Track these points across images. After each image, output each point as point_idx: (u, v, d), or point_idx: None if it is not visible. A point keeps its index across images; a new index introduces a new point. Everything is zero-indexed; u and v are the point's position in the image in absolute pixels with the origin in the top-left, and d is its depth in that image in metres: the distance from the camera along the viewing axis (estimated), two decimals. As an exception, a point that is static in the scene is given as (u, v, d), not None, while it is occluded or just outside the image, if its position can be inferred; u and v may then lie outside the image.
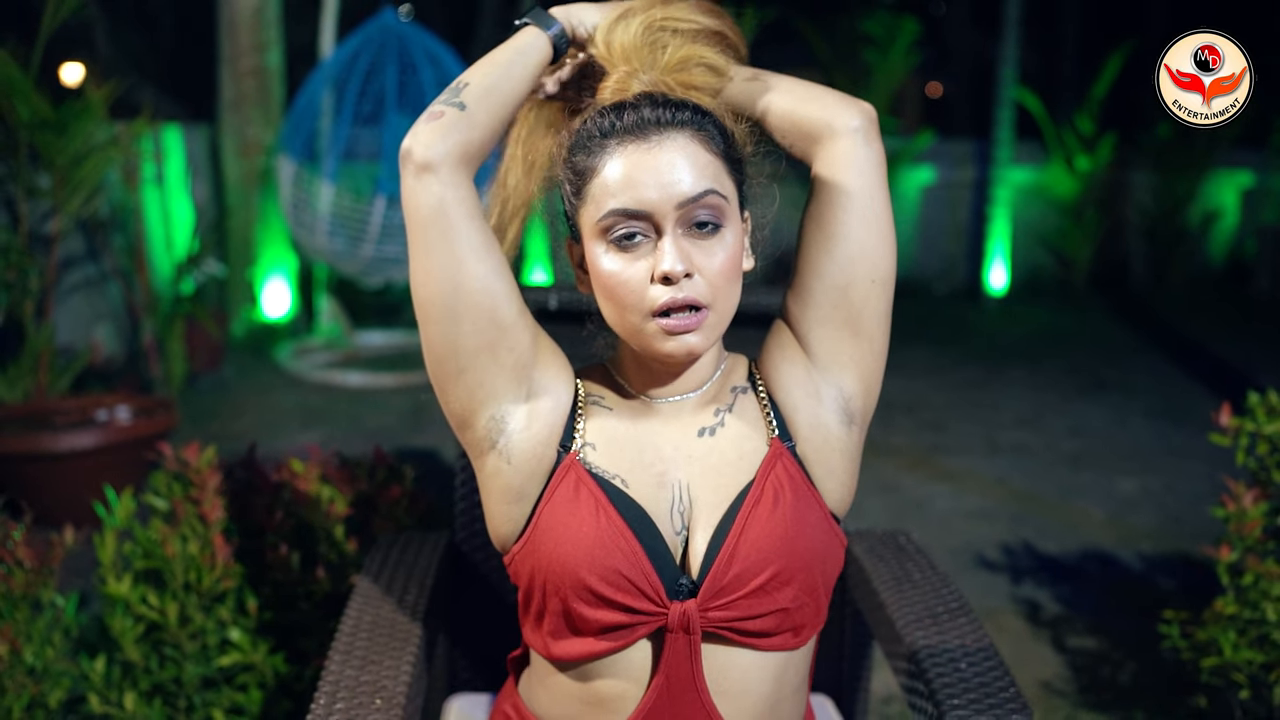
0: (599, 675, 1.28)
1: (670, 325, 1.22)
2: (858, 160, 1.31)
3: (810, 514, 1.28)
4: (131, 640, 2.38)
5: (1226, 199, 10.78)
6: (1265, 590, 2.36)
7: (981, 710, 1.50)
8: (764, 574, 1.24)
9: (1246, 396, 2.54)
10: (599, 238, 1.24)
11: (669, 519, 1.27)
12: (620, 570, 1.21)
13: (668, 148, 1.23)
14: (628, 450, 1.29)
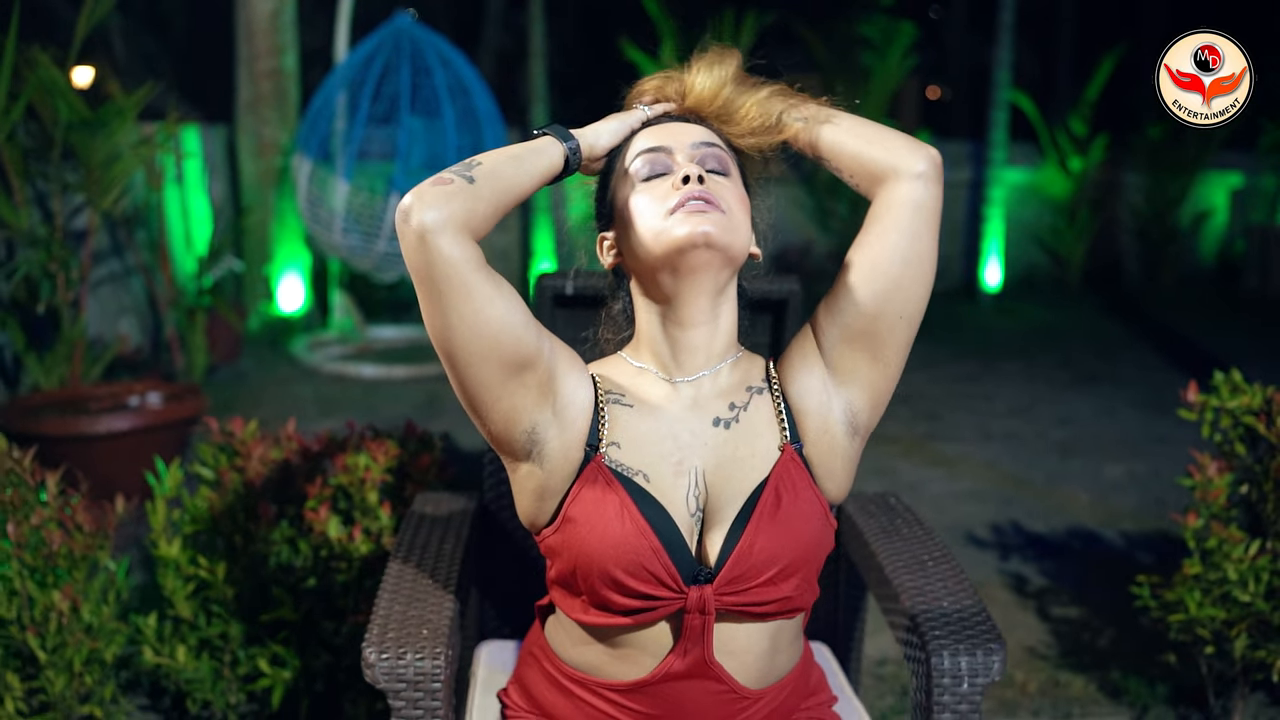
0: (622, 641, 1.45)
1: (687, 209, 1.36)
2: (916, 203, 1.41)
3: (812, 512, 1.43)
4: (183, 598, 2.58)
5: (1216, 199, 10.99)
6: (1227, 553, 2.56)
7: (960, 640, 1.70)
8: (773, 569, 1.40)
9: (1213, 375, 2.75)
10: (630, 180, 1.43)
11: (684, 505, 1.42)
12: (643, 564, 1.37)
13: (683, 124, 1.47)
14: (648, 445, 1.43)
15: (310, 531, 2.58)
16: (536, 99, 7.97)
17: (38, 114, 4.38)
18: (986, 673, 1.68)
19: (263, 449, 2.62)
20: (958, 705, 1.68)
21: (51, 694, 2.49)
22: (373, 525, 2.55)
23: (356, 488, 2.55)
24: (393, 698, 1.64)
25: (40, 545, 2.52)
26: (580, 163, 1.45)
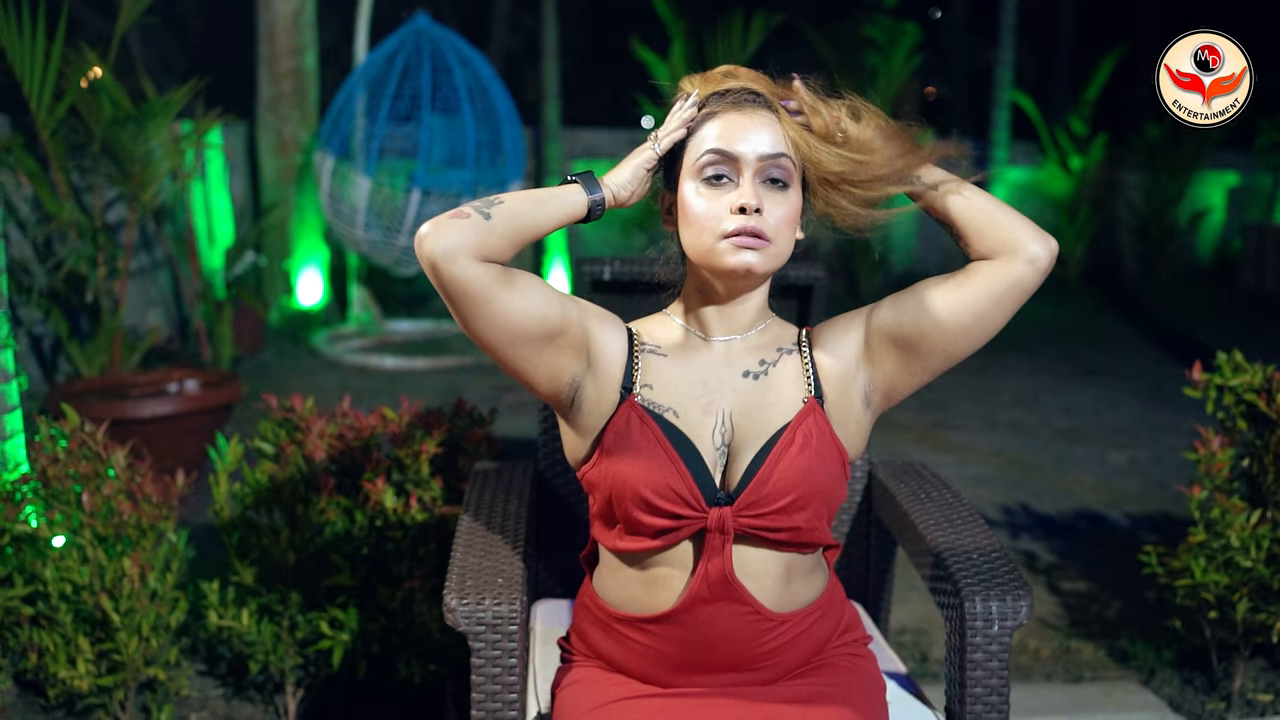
0: (654, 564, 1.63)
1: (738, 241, 1.53)
2: (1019, 283, 1.57)
3: (829, 454, 1.61)
4: (245, 565, 2.73)
5: (1214, 198, 11.16)
6: (1230, 522, 2.72)
7: (991, 587, 1.86)
8: (787, 498, 1.57)
9: (1215, 356, 2.91)
10: (694, 176, 1.58)
11: (710, 440, 1.60)
12: (669, 485, 1.55)
13: (757, 118, 1.57)
14: (680, 386, 1.62)
15: (366, 502, 2.73)
16: (549, 97, 8.12)
17: (78, 111, 4.53)
18: (1015, 616, 1.84)
19: (321, 424, 2.78)
20: (989, 646, 1.84)
21: (124, 656, 2.64)
22: (425, 495, 2.70)
23: (412, 460, 2.71)
24: (473, 639, 1.80)
25: (111, 515, 2.68)
26: (603, 213, 1.61)
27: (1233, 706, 2.87)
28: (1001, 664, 1.84)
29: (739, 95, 1.59)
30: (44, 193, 4.23)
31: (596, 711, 1.67)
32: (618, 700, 1.67)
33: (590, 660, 1.79)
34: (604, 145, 9.18)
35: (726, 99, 1.60)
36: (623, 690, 1.69)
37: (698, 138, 1.59)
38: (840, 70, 9.49)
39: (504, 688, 1.81)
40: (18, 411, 3.04)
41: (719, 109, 1.59)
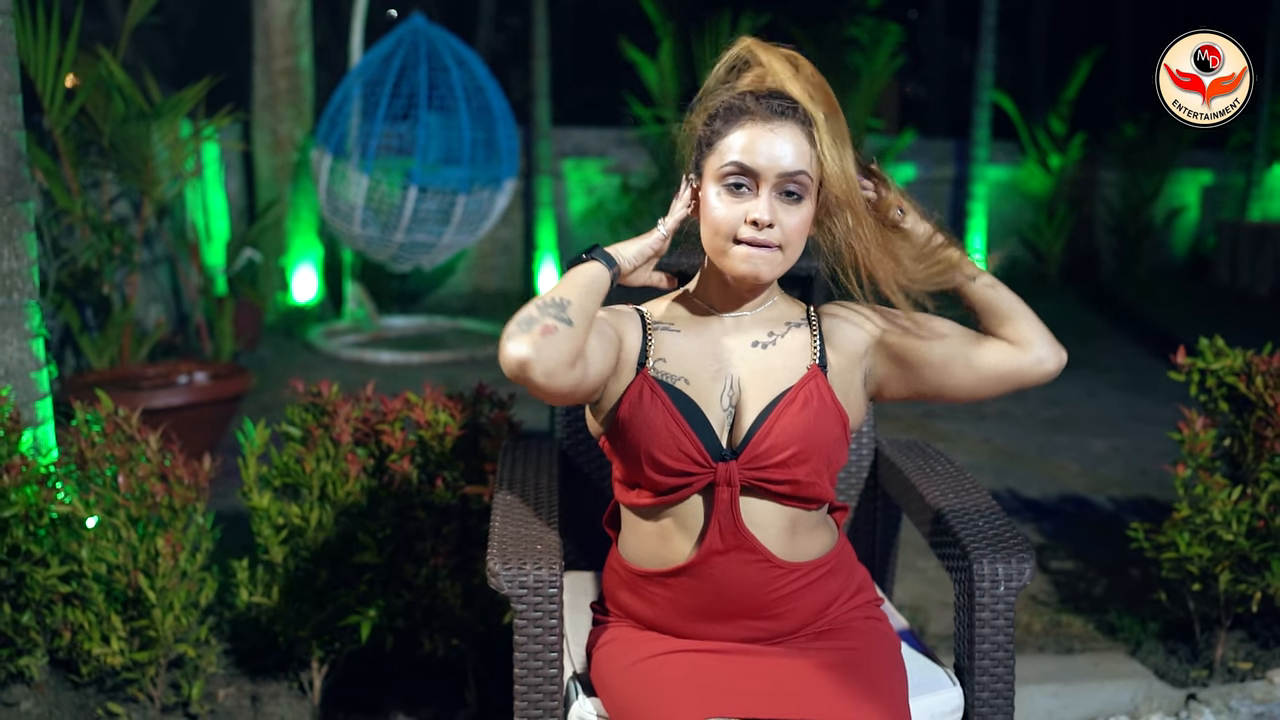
0: (669, 519, 1.78)
1: (749, 251, 1.68)
2: (1021, 376, 1.81)
3: (829, 415, 1.76)
4: (275, 544, 2.84)
5: (1188, 196, 11.37)
6: (1213, 498, 2.87)
7: (997, 550, 2.00)
8: (787, 452, 1.72)
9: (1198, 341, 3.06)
10: (716, 180, 1.71)
11: (719, 403, 1.75)
12: (678, 446, 1.71)
13: (781, 132, 1.68)
14: (691, 356, 1.78)
15: (391, 483, 2.85)
16: (540, 96, 8.24)
17: (86, 108, 4.62)
18: (1020, 577, 1.98)
19: (347, 409, 2.89)
20: (995, 605, 1.98)
21: (159, 633, 2.75)
22: (448, 475, 2.82)
23: (437, 442, 2.83)
24: (516, 602, 1.93)
25: (144, 496, 2.78)
26: (618, 277, 1.77)
27: (1215, 674, 3.02)
28: (1008, 622, 1.98)
29: (770, 105, 1.69)
30: (57, 189, 4.32)
31: (632, 668, 1.80)
32: (652, 656, 1.80)
33: (622, 621, 1.92)
34: (593, 144, 9.30)
35: (760, 106, 1.70)
36: (656, 647, 1.82)
37: (725, 143, 1.70)
38: (824, 70, 9.64)
39: (545, 647, 1.94)
40: (48, 399, 3.15)
41: (748, 118, 1.69)
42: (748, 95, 1.73)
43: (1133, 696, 2.95)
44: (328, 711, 2.92)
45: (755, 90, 1.73)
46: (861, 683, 1.73)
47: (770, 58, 1.76)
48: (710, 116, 1.75)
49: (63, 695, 2.91)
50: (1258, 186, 11.06)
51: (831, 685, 1.71)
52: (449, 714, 2.93)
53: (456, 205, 6.53)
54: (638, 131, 9.28)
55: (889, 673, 1.81)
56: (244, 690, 3.01)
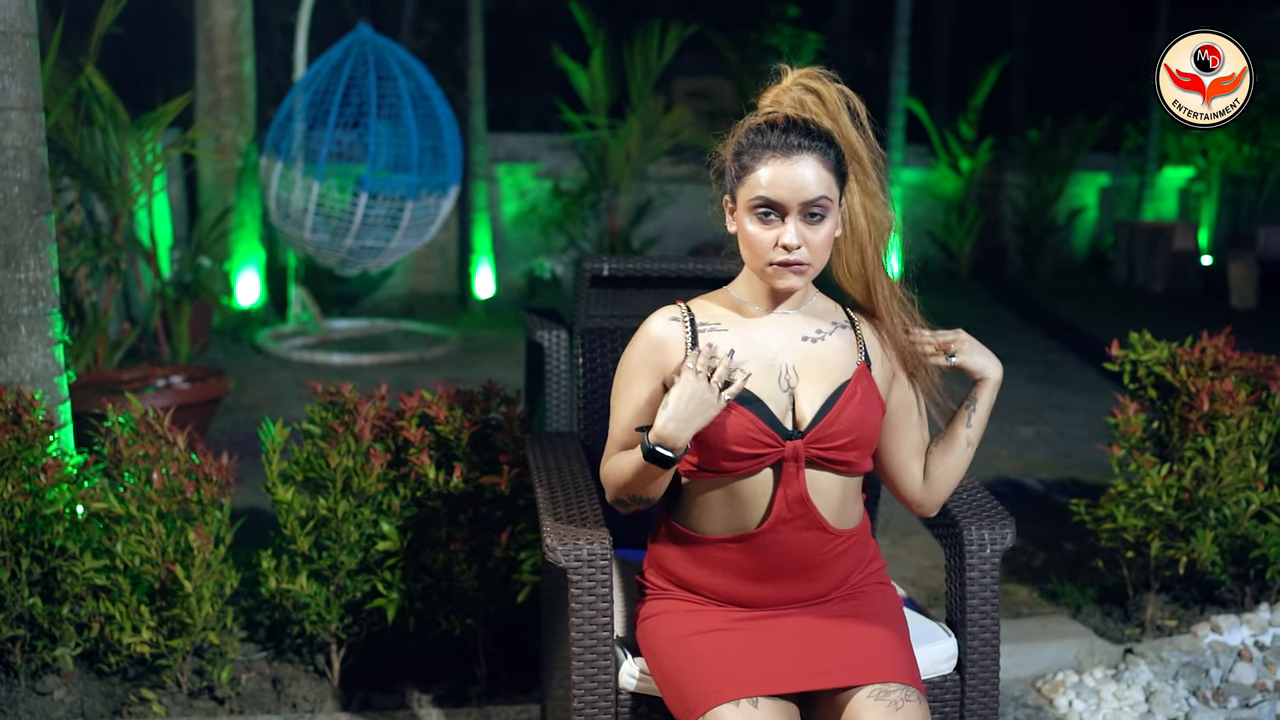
0: (739, 491, 2.02)
1: (782, 270, 1.97)
2: (901, 501, 2.23)
3: (875, 412, 2.05)
4: (301, 534, 3.04)
5: (1087, 197, 12.00)
6: (1145, 474, 3.24)
7: (982, 518, 2.32)
8: (847, 438, 2.00)
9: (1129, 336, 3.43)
10: (748, 210, 1.98)
11: (777, 387, 2.01)
12: (748, 435, 1.96)
13: (800, 165, 1.93)
14: (743, 350, 2.03)
15: (409, 475, 3.07)
16: (475, 103, 8.44)
17: (59, 123, 4.73)
18: (1002, 541, 2.30)
19: (367, 407, 3.11)
20: (982, 565, 2.29)
21: (194, 621, 2.94)
22: (464, 467, 3.06)
23: (454, 435, 3.06)
24: (572, 573, 2.18)
25: (174, 493, 2.97)
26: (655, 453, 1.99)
27: (1146, 631, 3.39)
28: (993, 579, 2.29)
29: (788, 140, 1.92)
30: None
31: (682, 641, 2.04)
32: (698, 634, 2.04)
33: (670, 594, 2.15)
34: (525, 149, 9.53)
35: (780, 140, 1.93)
36: (703, 623, 2.06)
37: (753, 177, 1.95)
38: (745, 76, 9.99)
39: (598, 613, 2.19)
40: (68, 402, 3.31)
41: (769, 154, 1.93)
42: (768, 131, 1.96)
43: (1076, 653, 3.30)
44: (348, 690, 3.13)
45: (775, 122, 1.97)
46: (880, 642, 2.02)
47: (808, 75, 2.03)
48: (737, 152, 2.00)
49: (90, 684, 3.08)
50: (1150, 188, 11.72)
51: (856, 649, 2.00)
52: (461, 689, 3.16)
53: (405, 211, 6.72)
54: (569, 137, 9.53)
55: (899, 631, 2.10)
56: (264, 674, 3.20)
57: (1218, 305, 9.99)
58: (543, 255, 9.60)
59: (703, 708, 1.91)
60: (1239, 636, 3.26)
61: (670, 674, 2.02)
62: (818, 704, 2.00)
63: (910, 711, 1.93)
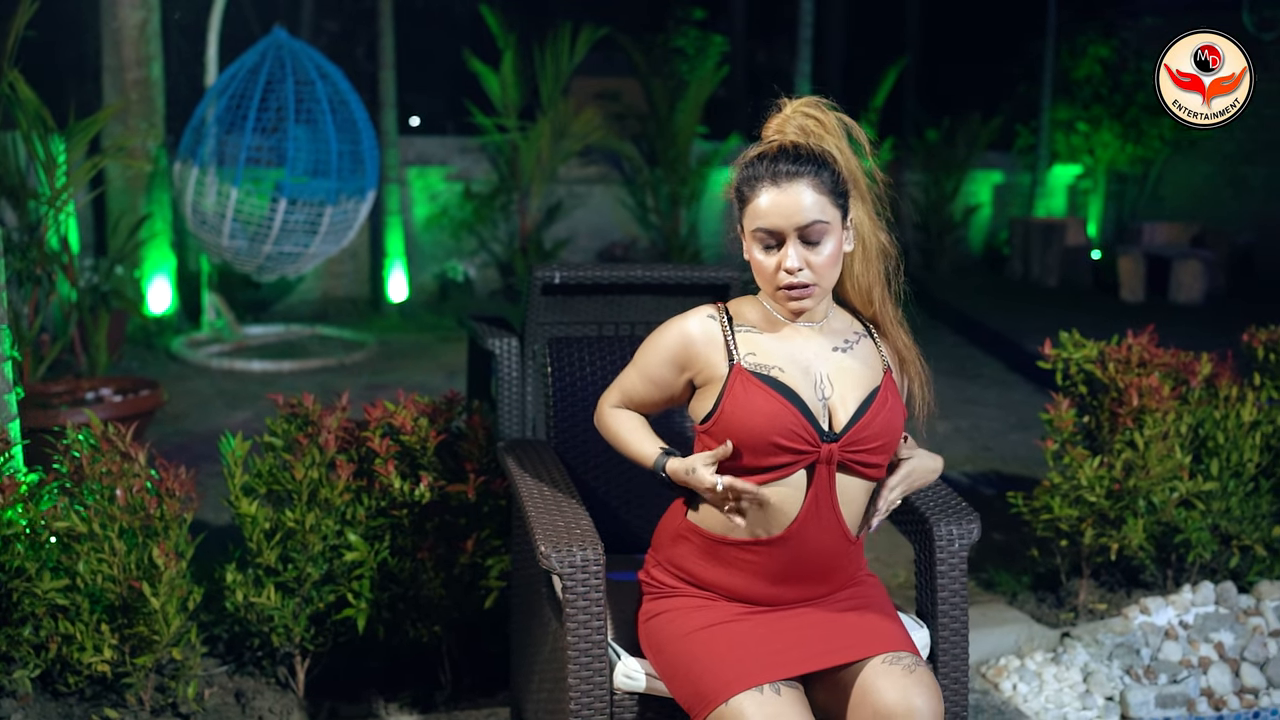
0: (770, 491, 2.07)
1: (789, 294, 2.07)
2: None
3: (899, 417, 2.15)
4: (268, 548, 3.05)
5: (982, 195, 12.38)
6: (1078, 466, 3.41)
7: (949, 515, 2.44)
8: (877, 442, 2.09)
9: (1055, 340, 3.61)
10: (752, 239, 2.08)
11: (815, 392, 2.09)
12: (791, 428, 2.03)
13: (792, 192, 2.02)
14: (779, 352, 2.11)
15: (373, 485, 3.10)
16: (386, 106, 8.40)
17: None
18: (970, 535, 2.43)
19: (331, 418, 3.13)
20: (952, 559, 2.42)
21: (163, 637, 2.93)
22: (430, 476, 3.09)
23: (420, 445, 3.09)
24: (566, 579, 2.24)
25: (139, 509, 2.95)
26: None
27: (1080, 615, 3.58)
28: (962, 573, 2.42)
29: (778, 170, 2.02)
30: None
31: (691, 635, 2.11)
32: (708, 626, 2.12)
33: (678, 592, 2.21)
34: (435, 153, 9.51)
35: (770, 170, 2.03)
36: (711, 616, 2.13)
37: (752, 206, 2.05)
38: (653, 78, 10.10)
39: (592, 617, 2.26)
40: (16, 420, 3.26)
41: (763, 184, 2.03)
42: (760, 162, 2.06)
43: (1016, 639, 3.47)
44: (314, 701, 3.15)
45: (767, 152, 2.07)
46: (884, 621, 2.13)
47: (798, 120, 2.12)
48: (738, 185, 2.11)
49: (48, 706, 3.03)
50: (1041, 185, 12.15)
51: (864, 628, 2.10)
52: (427, 695, 3.20)
53: (324, 216, 6.68)
54: (479, 139, 9.53)
55: (895, 616, 2.22)
56: (227, 689, 3.19)
57: (1109, 298, 10.41)
58: (455, 258, 9.59)
59: (723, 696, 1.97)
60: (1165, 617, 3.46)
61: (683, 668, 2.08)
62: (824, 684, 2.08)
63: (923, 675, 2.02)
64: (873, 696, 2.00)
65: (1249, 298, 10.54)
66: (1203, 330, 8.09)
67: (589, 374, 2.89)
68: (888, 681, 2.00)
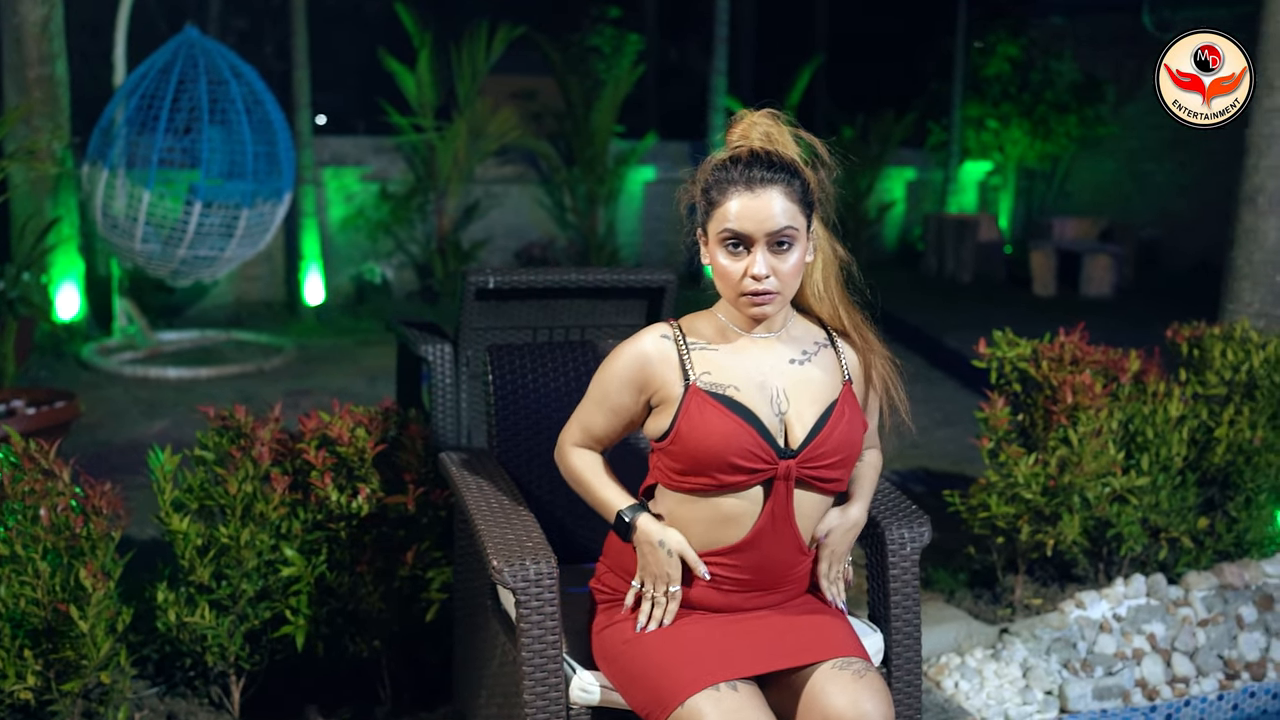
0: (727, 506, 2.07)
1: (752, 300, 2.04)
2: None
3: (858, 430, 2.14)
4: (201, 565, 2.95)
5: (896, 191, 12.54)
6: (1014, 464, 3.45)
7: (901, 518, 2.45)
8: (836, 457, 2.08)
9: (992, 338, 3.65)
10: (718, 243, 2.05)
11: (770, 409, 2.07)
12: (747, 448, 2.02)
13: (764, 197, 2.00)
14: (734, 369, 2.09)
15: (309, 498, 3.02)
16: (300, 106, 8.23)
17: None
18: (921, 538, 2.44)
19: (265, 430, 3.04)
20: (903, 563, 2.42)
21: (92, 660, 2.82)
22: (368, 488, 3.03)
23: (356, 457, 3.02)
24: (520, 594, 2.20)
25: (64, 528, 2.84)
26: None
27: (1016, 611, 3.63)
28: (914, 576, 2.43)
29: (752, 175, 2.01)
30: None
31: (646, 639, 2.09)
32: (663, 630, 2.10)
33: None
34: (351, 153, 9.34)
35: (744, 175, 2.01)
36: None
37: (721, 210, 2.02)
38: (569, 76, 10.05)
39: (547, 631, 2.22)
40: (-72, 438, 3.11)
41: (735, 188, 2.01)
42: (733, 166, 2.04)
43: (955, 636, 3.50)
44: (250, 720, 3.07)
45: (740, 156, 2.06)
46: (835, 626, 2.13)
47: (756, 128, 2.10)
48: (705, 188, 2.08)
49: (-44, 741, 2.92)
50: (953, 182, 12.35)
51: (815, 632, 2.10)
52: (366, 711, 3.13)
53: (240, 219, 6.52)
54: (395, 139, 9.40)
55: (847, 621, 2.21)
56: (158, 711, 3.10)
57: (1022, 293, 10.61)
58: (371, 259, 9.45)
59: (680, 697, 1.96)
60: (1100, 610, 3.52)
61: (638, 675, 2.07)
62: (776, 688, 2.08)
63: (873, 680, 2.03)
64: (822, 702, 2.01)
65: (1155, 291, 10.83)
66: (1115, 323, 8.28)
67: (529, 381, 2.84)
68: (836, 687, 2.01)
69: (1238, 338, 3.84)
